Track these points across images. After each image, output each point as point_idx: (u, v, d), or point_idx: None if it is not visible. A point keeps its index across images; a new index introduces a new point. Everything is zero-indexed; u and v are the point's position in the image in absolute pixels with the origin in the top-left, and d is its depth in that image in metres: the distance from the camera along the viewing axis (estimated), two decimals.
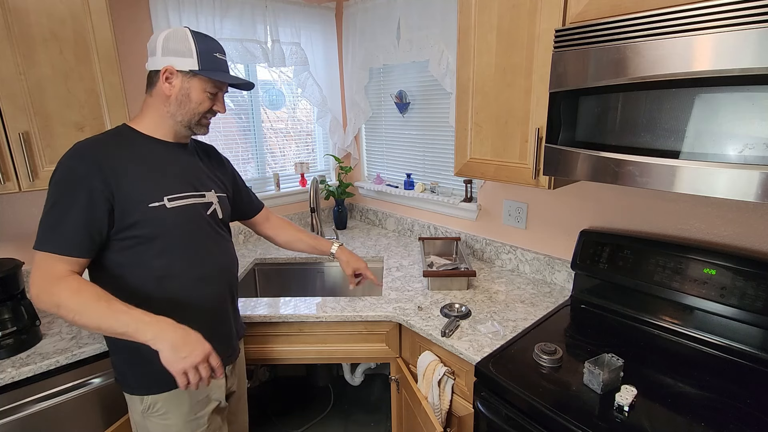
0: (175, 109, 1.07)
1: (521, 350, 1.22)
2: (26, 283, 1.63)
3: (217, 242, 1.18)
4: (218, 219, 1.19)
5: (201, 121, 1.11)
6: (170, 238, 1.05)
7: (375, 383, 2.40)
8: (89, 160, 0.97)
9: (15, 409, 1.18)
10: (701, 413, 0.95)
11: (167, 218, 1.04)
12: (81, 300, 0.90)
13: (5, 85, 1.26)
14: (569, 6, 1.13)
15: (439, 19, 1.85)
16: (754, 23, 0.79)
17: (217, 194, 1.20)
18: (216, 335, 1.14)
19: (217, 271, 1.17)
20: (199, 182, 1.15)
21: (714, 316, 1.20)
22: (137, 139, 1.08)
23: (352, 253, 1.59)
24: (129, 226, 1.00)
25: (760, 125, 0.83)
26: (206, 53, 1.05)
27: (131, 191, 1.00)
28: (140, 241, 1.02)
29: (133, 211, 1.00)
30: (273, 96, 2.36)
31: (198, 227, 1.12)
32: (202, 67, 1.05)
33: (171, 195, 1.06)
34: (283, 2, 2.14)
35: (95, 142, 1.02)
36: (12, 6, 1.24)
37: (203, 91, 1.07)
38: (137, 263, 1.03)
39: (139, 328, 0.89)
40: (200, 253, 1.12)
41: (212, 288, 1.15)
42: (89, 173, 0.95)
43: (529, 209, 1.74)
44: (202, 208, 1.14)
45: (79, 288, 0.91)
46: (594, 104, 1.08)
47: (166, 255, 1.05)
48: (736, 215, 1.22)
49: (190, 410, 1.12)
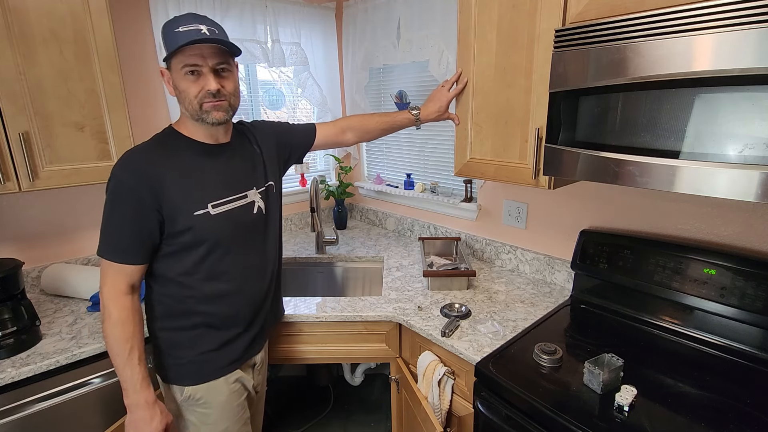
0: (182, 106, 1.06)
1: (521, 350, 1.22)
2: (26, 283, 1.64)
3: (261, 242, 1.21)
4: (263, 215, 1.21)
5: (203, 108, 1.02)
6: (214, 245, 1.08)
7: (375, 383, 2.40)
8: (136, 171, 1.00)
9: (15, 409, 1.17)
10: (701, 413, 0.95)
11: (212, 225, 1.07)
12: (115, 332, 1.01)
13: (5, 85, 1.26)
14: (569, 6, 1.13)
15: (439, 19, 1.85)
16: (754, 23, 0.78)
17: (259, 190, 1.20)
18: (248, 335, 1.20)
19: (258, 273, 1.20)
20: (240, 183, 1.15)
21: (714, 316, 1.20)
22: (180, 143, 1.08)
23: (426, 106, 1.50)
24: (177, 233, 1.04)
25: (760, 125, 0.83)
26: (169, 35, 0.97)
27: (176, 200, 1.02)
28: (185, 247, 1.06)
29: (180, 219, 1.03)
30: (273, 96, 2.36)
31: (243, 230, 1.15)
32: (168, 50, 0.98)
33: (214, 201, 1.08)
34: (283, 2, 2.14)
35: (141, 152, 1.04)
36: (12, 6, 1.24)
37: (182, 75, 0.99)
38: (179, 269, 1.07)
39: (127, 389, 1.02)
40: (241, 257, 1.15)
41: (251, 293, 1.19)
42: (137, 185, 0.99)
43: (529, 209, 1.74)
44: (246, 210, 1.16)
45: (123, 320, 1.01)
46: (594, 104, 1.08)
47: (209, 261, 1.09)
48: (736, 215, 1.22)
49: (227, 399, 1.16)
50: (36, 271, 1.67)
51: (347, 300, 1.59)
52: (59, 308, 1.53)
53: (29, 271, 1.66)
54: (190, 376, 1.12)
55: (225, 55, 1.02)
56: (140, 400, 1.02)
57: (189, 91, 1.00)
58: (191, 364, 1.11)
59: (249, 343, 1.21)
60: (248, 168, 1.20)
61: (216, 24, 1.02)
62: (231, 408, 1.17)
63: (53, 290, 1.61)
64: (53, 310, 1.51)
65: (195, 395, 1.12)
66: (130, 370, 1.01)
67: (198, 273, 1.08)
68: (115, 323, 1.00)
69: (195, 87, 1.00)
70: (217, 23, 1.03)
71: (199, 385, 1.12)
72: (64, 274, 1.59)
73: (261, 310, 1.23)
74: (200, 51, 0.98)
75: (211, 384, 1.13)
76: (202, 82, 1.00)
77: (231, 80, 1.05)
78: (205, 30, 0.97)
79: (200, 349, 1.11)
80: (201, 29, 0.96)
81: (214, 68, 1.00)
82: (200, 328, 1.11)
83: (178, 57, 0.98)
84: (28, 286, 1.65)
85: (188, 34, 0.95)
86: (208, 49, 0.98)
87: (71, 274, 1.59)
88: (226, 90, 1.04)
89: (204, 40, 0.95)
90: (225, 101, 1.04)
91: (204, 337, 1.12)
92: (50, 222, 1.69)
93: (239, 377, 1.19)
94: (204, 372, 1.12)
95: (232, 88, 1.05)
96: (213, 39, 0.96)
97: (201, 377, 1.12)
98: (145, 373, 1.04)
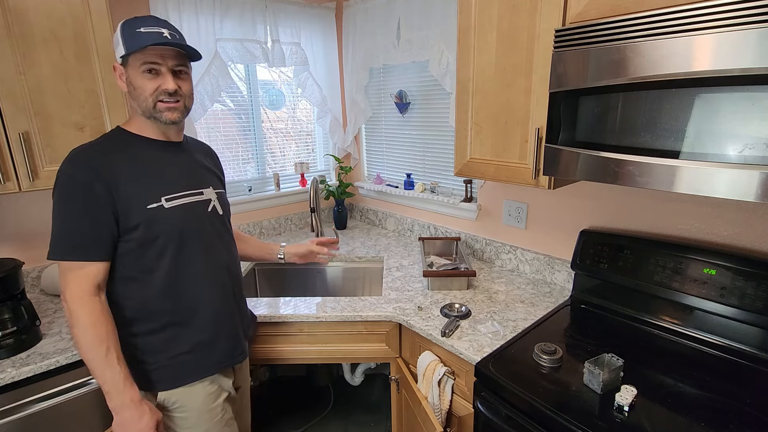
0: (134, 102, 1.05)
1: (521, 350, 1.22)
2: (26, 283, 1.64)
3: (218, 240, 1.18)
4: (218, 215, 1.19)
5: (157, 107, 1.03)
6: (171, 239, 1.06)
7: (375, 383, 2.40)
8: (87, 166, 0.98)
9: (15, 409, 1.17)
10: (701, 413, 0.95)
11: (166, 219, 1.05)
12: (87, 337, 0.97)
13: (5, 85, 1.26)
14: (569, 6, 1.13)
15: (439, 19, 1.85)
16: (754, 23, 0.79)
17: (216, 191, 1.20)
18: (221, 335, 1.17)
19: (218, 269, 1.17)
20: (196, 180, 1.15)
21: (714, 316, 1.20)
22: (130, 140, 1.07)
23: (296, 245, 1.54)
24: (131, 228, 1.01)
25: (760, 125, 0.83)
26: (129, 34, 0.99)
27: (129, 194, 1.00)
28: (141, 243, 1.03)
29: (133, 214, 1.01)
30: (273, 96, 2.36)
31: (198, 226, 1.12)
32: (128, 47, 0.99)
33: (168, 195, 1.06)
34: (283, 2, 2.14)
35: (90, 148, 1.02)
36: (12, 6, 1.24)
37: (140, 72, 1.01)
38: (139, 266, 1.04)
39: (110, 392, 0.98)
40: (201, 252, 1.12)
41: (213, 287, 1.15)
42: (89, 179, 0.97)
43: (529, 209, 1.74)
44: (202, 206, 1.14)
45: (93, 322, 0.97)
46: (594, 104, 1.08)
47: (168, 255, 1.06)
48: (736, 215, 1.22)
49: (204, 401, 1.13)
50: (36, 271, 1.67)
51: (347, 300, 1.59)
52: (59, 308, 1.53)
53: (29, 271, 1.66)
54: (164, 380, 1.09)
55: (183, 58, 1.06)
56: (125, 399, 0.98)
57: (145, 88, 1.02)
58: (164, 368, 1.08)
59: (226, 348, 1.18)
60: (203, 169, 1.20)
61: (176, 29, 1.06)
62: (209, 410, 1.14)
63: (53, 290, 1.61)
64: (53, 310, 1.52)
65: (170, 399, 1.10)
66: (110, 372, 0.97)
67: (158, 269, 1.05)
68: (85, 327, 0.96)
69: (151, 84, 1.02)
70: (178, 29, 1.07)
71: (172, 390, 1.09)
72: None
73: (228, 308, 1.20)
74: (161, 52, 1.01)
75: (185, 388, 1.10)
76: (159, 81, 1.02)
77: (188, 82, 1.09)
78: (167, 34, 1.01)
79: (172, 352, 1.09)
80: (163, 32, 1.00)
81: (172, 69, 1.04)
82: (169, 329, 1.08)
83: (137, 55, 1.00)
84: (28, 286, 1.65)
85: (152, 35, 0.99)
86: (168, 50, 1.02)
87: None
88: (183, 91, 1.07)
89: (169, 43, 1.00)
90: (180, 102, 1.07)
91: (175, 339, 1.09)
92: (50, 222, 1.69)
93: (214, 378, 1.16)
94: (178, 375, 1.10)
95: (188, 90, 1.09)
96: (175, 43, 1.01)
97: (175, 381, 1.09)
98: (127, 372, 1.00)
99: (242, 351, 1.26)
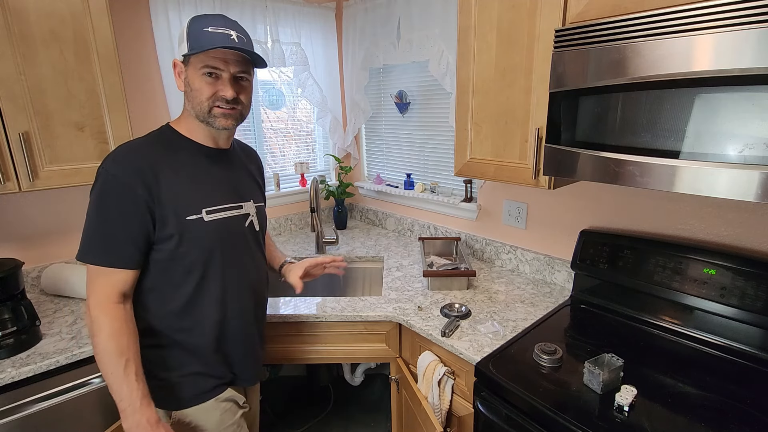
0: (189, 104, 1.00)
1: (521, 350, 1.22)
2: (26, 283, 1.64)
3: (250, 259, 1.13)
4: (255, 232, 1.15)
5: (212, 112, 0.98)
6: (201, 255, 1.01)
7: (375, 383, 2.40)
8: (132, 167, 0.93)
9: (15, 409, 1.17)
10: (701, 413, 0.95)
11: (204, 232, 1.00)
12: (109, 346, 0.91)
13: (5, 85, 1.26)
14: (569, 6, 1.13)
15: (439, 19, 1.85)
16: (754, 23, 0.79)
17: (256, 204, 1.15)
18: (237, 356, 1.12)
19: (244, 290, 1.12)
20: (238, 193, 1.10)
21: (714, 316, 1.20)
22: (179, 143, 1.02)
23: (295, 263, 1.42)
24: (165, 238, 0.96)
25: (760, 125, 0.83)
26: (196, 31, 0.93)
27: (170, 202, 0.95)
28: (172, 255, 0.98)
29: (171, 223, 0.96)
30: (273, 96, 2.36)
31: (234, 243, 1.07)
32: (192, 47, 0.93)
33: (209, 207, 1.01)
34: (283, 2, 2.14)
35: (136, 147, 0.97)
36: (12, 6, 1.24)
37: (200, 74, 0.95)
38: (165, 279, 1.00)
39: (125, 410, 0.91)
40: (229, 272, 1.07)
41: (236, 309, 1.10)
42: (132, 181, 0.91)
43: (529, 209, 1.74)
44: (239, 222, 1.09)
45: (117, 331, 0.91)
46: (594, 104, 1.08)
47: (196, 272, 1.01)
48: (736, 215, 1.22)
49: (220, 420, 1.07)
50: (36, 271, 1.67)
51: (347, 300, 1.59)
52: (59, 308, 1.53)
53: (29, 271, 1.66)
54: (176, 399, 1.03)
55: (248, 64, 1.00)
56: (141, 420, 0.91)
57: (202, 91, 0.96)
58: (176, 386, 1.02)
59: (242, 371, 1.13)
60: (247, 180, 1.16)
61: (245, 32, 1.00)
62: (226, 428, 1.08)
63: (53, 290, 1.61)
64: (53, 310, 1.51)
65: (184, 420, 1.04)
66: (128, 387, 0.90)
67: (184, 285, 1.00)
68: (109, 336, 0.90)
69: (210, 89, 0.96)
70: (246, 31, 1.00)
71: (186, 410, 1.04)
72: (65, 274, 1.59)
73: (249, 331, 1.15)
74: (224, 56, 0.95)
75: (199, 407, 1.04)
76: (218, 86, 0.97)
77: (248, 90, 1.04)
78: (235, 36, 0.94)
79: (185, 370, 1.03)
80: (231, 35, 0.94)
81: (234, 75, 0.98)
82: (184, 346, 1.03)
83: (199, 56, 0.94)
84: (28, 286, 1.65)
85: (218, 37, 0.93)
86: (232, 55, 0.96)
87: (71, 274, 1.59)
88: (241, 99, 1.01)
89: (234, 48, 0.94)
90: (237, 110, 1.01)
91: (188, 357, 1.03)
92: (50, 222, 1.69)
93: (230, 396, 1.10)
94: (191, 394, 1.04)
95: (247, 99, 1.03)
96: (242, 48, 0.95)
97: (188, 401, 1.04)
98: (145, 389, 0.93)
99: (258, 373, 1.22)
